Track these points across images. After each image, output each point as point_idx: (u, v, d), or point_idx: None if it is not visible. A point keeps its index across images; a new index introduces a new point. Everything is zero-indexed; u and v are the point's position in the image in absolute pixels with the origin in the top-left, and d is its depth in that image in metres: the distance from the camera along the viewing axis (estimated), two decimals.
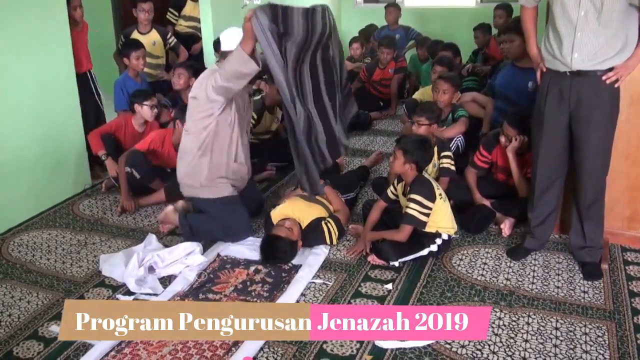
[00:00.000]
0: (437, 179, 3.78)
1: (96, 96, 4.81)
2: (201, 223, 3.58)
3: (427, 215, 3.23)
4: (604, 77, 2.88)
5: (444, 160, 3.88)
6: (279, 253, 3.34)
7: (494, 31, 6.49)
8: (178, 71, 4.79)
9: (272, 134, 5.00)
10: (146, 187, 4.16)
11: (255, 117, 4.67)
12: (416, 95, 5.11)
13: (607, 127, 2.99)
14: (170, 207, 3.73)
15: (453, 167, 3.89)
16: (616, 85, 2.90)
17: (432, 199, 3.23)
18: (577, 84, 2.93)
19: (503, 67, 4.45)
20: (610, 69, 2.88)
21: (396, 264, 3.26)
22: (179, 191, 3.70)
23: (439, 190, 3.29)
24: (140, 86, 4.77)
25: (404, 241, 3.27)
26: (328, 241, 3.52)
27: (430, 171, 3.78)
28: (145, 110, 4.33)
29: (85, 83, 4.62)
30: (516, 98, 4.15)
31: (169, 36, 5.62)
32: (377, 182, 4.16)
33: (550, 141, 3.11)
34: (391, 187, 3.52)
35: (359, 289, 3.10)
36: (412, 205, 3.23)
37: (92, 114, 4.74)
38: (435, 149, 3.86)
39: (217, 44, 5.52)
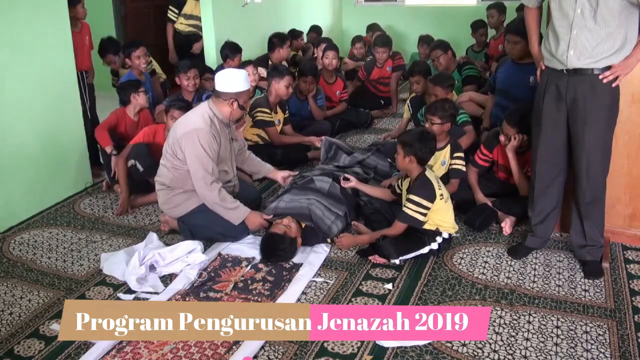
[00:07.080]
0: (446, 178, 3.77)
1: (85, 96, 4.74)
2: (200, 227, 3.55)
3: (424, 214, 3.24)
4: (600, 76, 2.87)
5: (456, 161, 3.87)
6: (278, 250, 3.34)
7: (492, 32, 6.51)
8: (191, 73, 4.78)
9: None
10: (146, 182, 4.14)
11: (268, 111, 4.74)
12: None
13: (605, 126, 2.98)
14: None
15: (464, 168, 3.88)
16: (614, 85, 2.89)
17: (432, 199, 3.23)
18: (573, 82, 2.93)
19: (502, 63, 4.43)
20: (608, 68, 2.87)
21: (397, 261, 3.26)
22: None
23: (440, 191, 3.28)
24: (144, 84, 4.77)
25: (400, 236, 3.29)
26: (329, 240, 3.52)
27: (436, 169, 3.77)
28: (141, 97, 4.46)
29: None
30: (518, 94, 4.12)
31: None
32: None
33: (549, 139, 3.10)
34: (398, 182, 3.55)
35: (360, 287, 3.10)
36: (409, 204, 3.25)
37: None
38: (448, 147, 3.86)
39: (222, 49, 5.47)
